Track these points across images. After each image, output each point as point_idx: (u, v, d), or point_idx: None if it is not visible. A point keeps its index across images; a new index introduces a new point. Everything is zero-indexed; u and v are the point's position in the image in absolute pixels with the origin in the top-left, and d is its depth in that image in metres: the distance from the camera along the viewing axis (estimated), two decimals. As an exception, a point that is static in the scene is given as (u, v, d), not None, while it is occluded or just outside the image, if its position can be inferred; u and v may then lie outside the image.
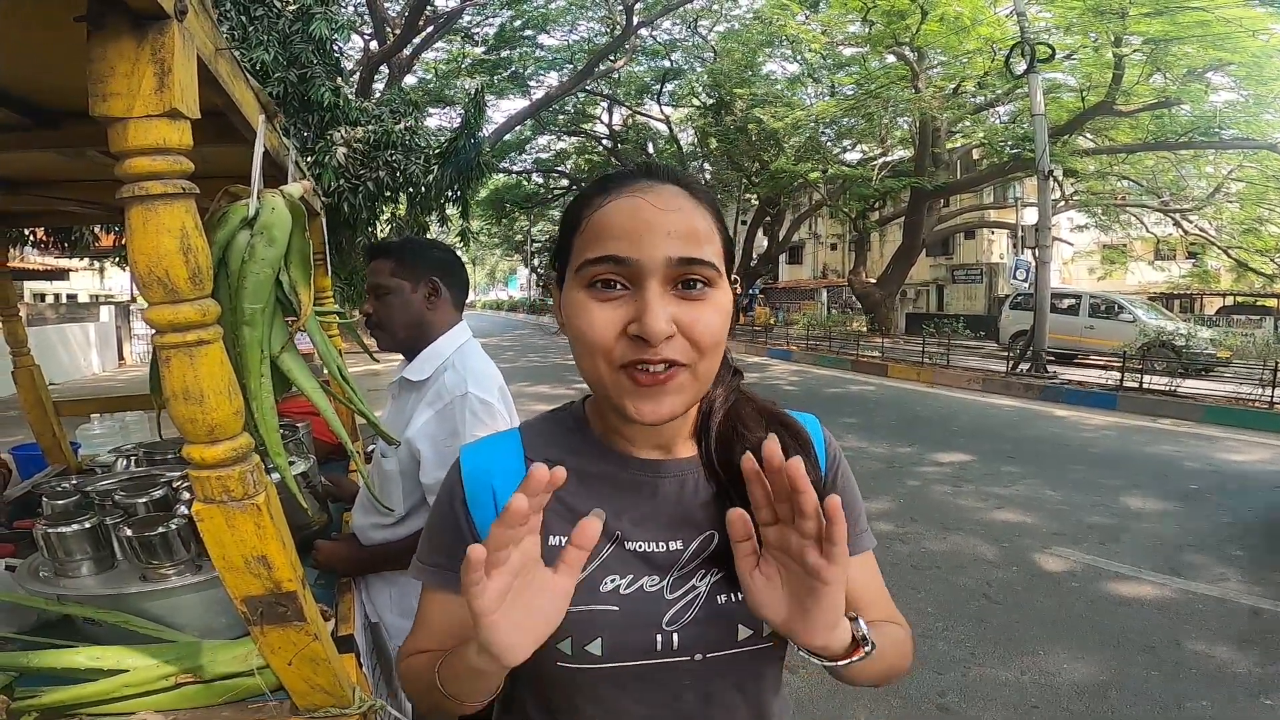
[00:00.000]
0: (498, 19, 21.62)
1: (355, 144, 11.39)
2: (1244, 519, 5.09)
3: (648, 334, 0.66)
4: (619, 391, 0.70)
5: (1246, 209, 19.82)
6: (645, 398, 0.69)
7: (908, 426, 8.64)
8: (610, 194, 0.71)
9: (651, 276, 0.68)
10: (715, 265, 0.70)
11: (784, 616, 0.66)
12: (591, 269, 0.69)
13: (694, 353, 0.69)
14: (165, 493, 1.48)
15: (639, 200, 0.70)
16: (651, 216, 0.69)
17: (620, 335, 0.68)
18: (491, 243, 52.01)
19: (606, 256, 0.68)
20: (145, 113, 0.69)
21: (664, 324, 0.66)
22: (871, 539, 0.89)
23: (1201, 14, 12.81)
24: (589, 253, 0.70)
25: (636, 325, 0.67)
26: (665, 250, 0.68)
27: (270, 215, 1.00)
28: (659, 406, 0.69)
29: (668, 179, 0.73)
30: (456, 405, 1.55)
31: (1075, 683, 3.02)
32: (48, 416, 2.47)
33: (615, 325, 0.68)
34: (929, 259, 30.08)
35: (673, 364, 0.68)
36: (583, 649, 0.74)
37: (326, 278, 2.39)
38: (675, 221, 0.69)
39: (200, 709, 1.11)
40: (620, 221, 0.69)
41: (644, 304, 0.67)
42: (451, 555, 0.79)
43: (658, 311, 0.67)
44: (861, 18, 17.36)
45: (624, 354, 0.68)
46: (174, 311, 0.74)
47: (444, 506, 0.82)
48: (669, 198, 0.70)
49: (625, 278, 0.69)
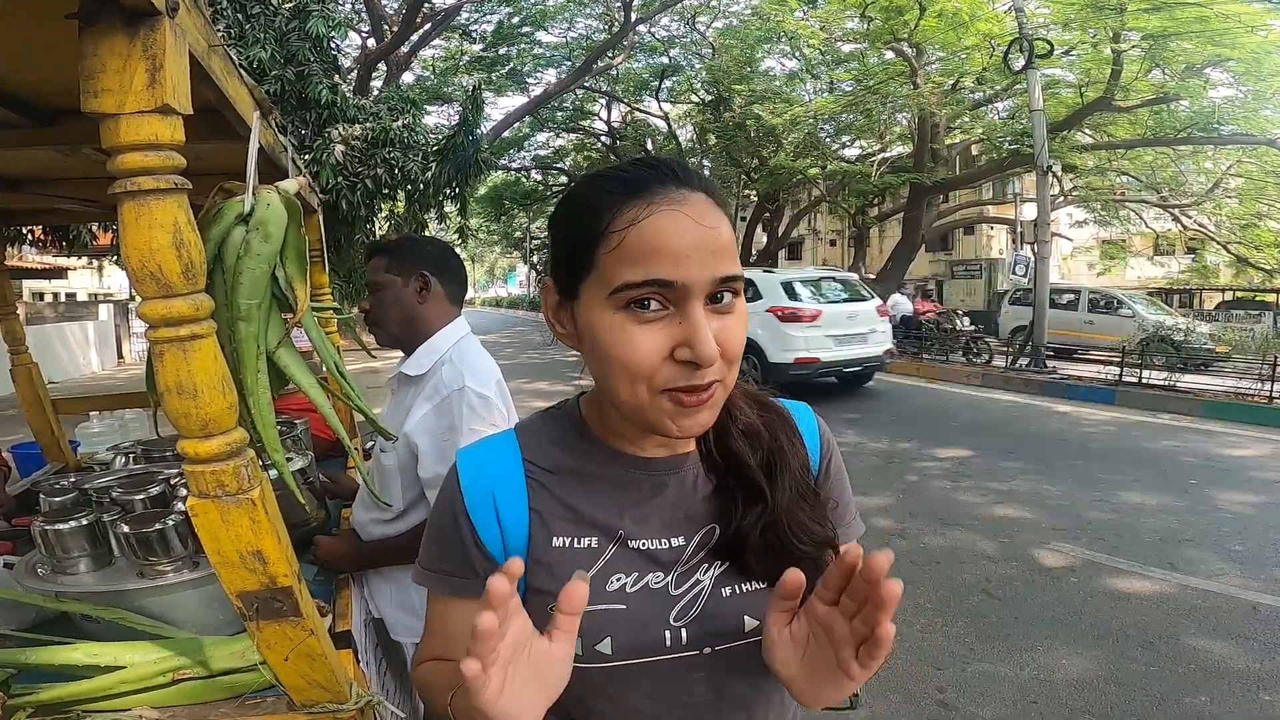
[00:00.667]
0: (495, 16, 21.56)
1: (353, 142, 11.37)
2: (1243, 514, 5.10)
3: (703, 359, 0.65)
4: (659, 413, 0.68)
5: (1246, 204, 19.79)
6: (688, 416, 0.68)
7: (907, 421, 8.65)
8: (641, 204, 0.67)
9: (696, 298, 0.66)
10: (743, 276, 0.70)
11: (791, 675, 0.67)
12: (633, 292, 0.66)
13: (726, 367, 0.69)
14: (163, 489, 1.49)
15: (679, 215, 0.66)
16: (695, 235, 0.66)
17: (663, 358, 0.66)
18: (490, 240, 51.97)
19: (653, 280, 0.65)
20: (137, 108, 0.69)
21: (714, 348, 0.65)
22: (860, 526, 0.90)
23: (1200, 9, 12.79)
24: (629, 274, 0.66)
25: (687, 350, 0.65)
26: (711, 271, 0.66)
27: (266, 211, 1.00)
28: (700, 423, 0.69)
29: (697, 186, 0.70)
30: (454, 399, 1.56)
31: (1074, 678, 3.02)
32: (46, 415, 2.48)
33: (660, 349, 0.66)
34: (928, 254, 30.08)
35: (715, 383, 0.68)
36: (593, 649, 0.74)
37: (324, 274, 2.40)
38: (713, 238, 0.67)
39: (197, 705, 1.11)
40: (666, 241, 0.65)
41: (693, 328, 0.65)
42: (454, 562, 0.79)
43: (709, 335, 0.65)
44: (860, 14, 17.32)
45: (669, 378, 0.67)
46: (167, 306, 0.74)
47: (444, 514, 0.81)
48: (705, 210, 0.68)
49: (667, 299, 0.66)
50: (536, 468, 0.80)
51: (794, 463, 0.80)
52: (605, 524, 0.78)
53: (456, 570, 0.79)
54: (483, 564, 0.78)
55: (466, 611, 0.78)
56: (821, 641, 0.64)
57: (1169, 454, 6.96)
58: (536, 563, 0.77)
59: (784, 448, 0.80)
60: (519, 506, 0.78)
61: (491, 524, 0.78)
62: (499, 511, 0.78)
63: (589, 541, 0.77)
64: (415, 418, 1.59)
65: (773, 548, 0.77)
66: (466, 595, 0.79)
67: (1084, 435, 7.92)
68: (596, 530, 0.77)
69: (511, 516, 0.78)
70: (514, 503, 0.78)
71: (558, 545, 0.77)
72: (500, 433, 0.86)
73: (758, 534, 0.76)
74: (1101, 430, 8.17)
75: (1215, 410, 8.88)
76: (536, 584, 0.77)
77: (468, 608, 0.78)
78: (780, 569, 0.73)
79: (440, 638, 0.82)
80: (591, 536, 0.77)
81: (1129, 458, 6.81)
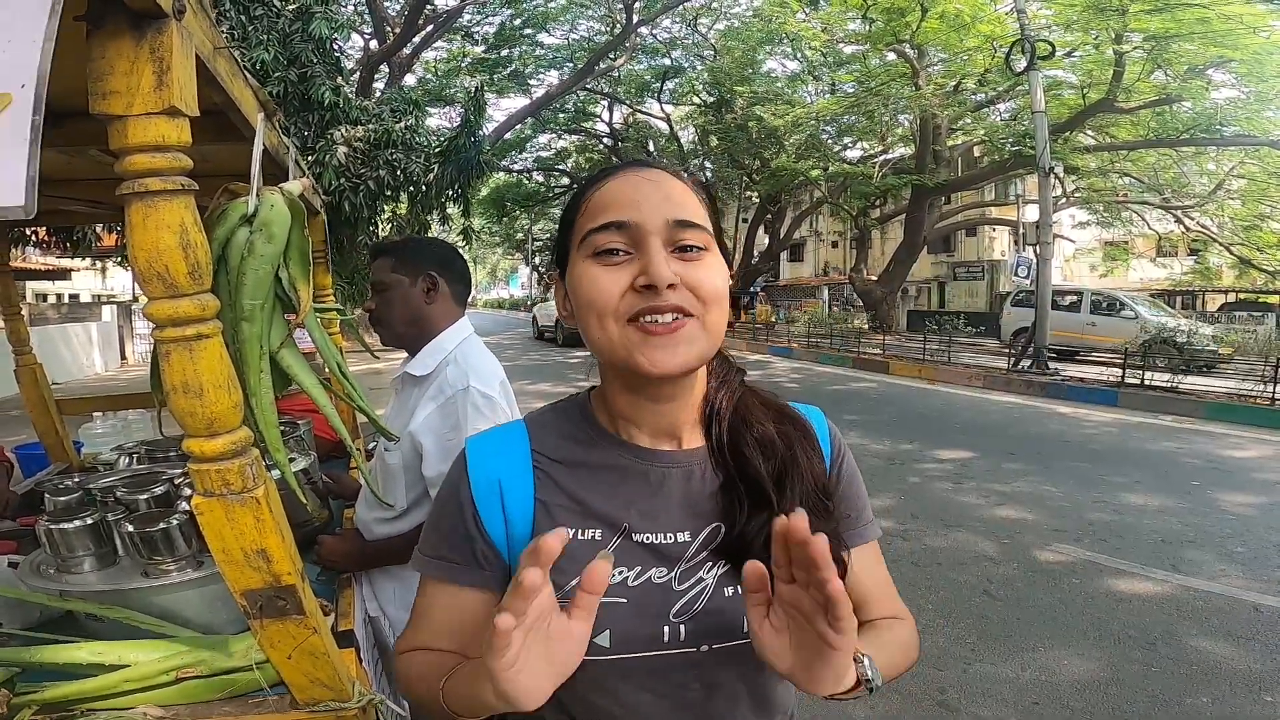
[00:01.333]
0: (497, 18, 21.61)
1: (356, 143, 11.39)
2: (1245, 516, 5.09)
3: (655, 278, 0.69)
4: (629, 346, 0.71)
5: (1248, 206, 19.76)
6: (657, 347, 0.71)
7: (909, 423, 8.64)
8: (607, 178, 0.77)
9: (652, 236, 0.71)
10: (709, 231, 0.74)
11: (789, 666, 0.66)
12: (595, 238, 0.73)
13: (698, 303, 0.71)
14: (166, 489, 1.49)
15: (634, 176, 0.75)
16: (646, 186, 0.74)
17: (626, 292, 0.71)
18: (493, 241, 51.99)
19: (609, 223, 0.72)
20: (144, 110, 0.70)
21: (669, 271, 0.70)
22: (876, 530, 0.90)
23: (1202, 11, 12.79)
24: (590, 225, 0.74)
25: (644, 277, 0.70)
26: (663, 213, 0.72)
27: (269, 212, 1.01)
28: (672, 356, 0.71)
29: (662, 166, 0.77)
30: (459, 399, 1.57)
31: (1075, 679, 3.02)
32: (50, 415, 2.48)
33: (622, 285, 0.71)
34: (930, 256, 30.07)
35: (681, 312, 0.71)
36: (591, 641, 0.74)
37: (327, 275, 2.41)
38: (668, 191, 0.74)
39: (201, 704, 1.12)
40: (619, 193, 0.74)
41: (648, 257, 0.71)
42: (456, 549, 0.80)
43: (662, 259, 0.70)
44: (861, 15, 17.36)
45: (631, 305, 0.71)
46: (173, 306, 0.75)
47: (449, 500, 0.82)
48: (663, 177, 0.76)
49: (627, 243, 0.72)
50: (544, 458, 0.81)
51: (807, 477, 0.80)
52: (610, 516, 0.78)
53: (455, 557, 0.80)
54: (484, 551, 0.79)
55: (459, 599, 0.80)
56: (799, 623, 0.65)
57: (1171, 455, 6.96)
58: None
59: (799, 460, 0.80)
60: (525, 496, 0.79)
61: (496, 512, 0.79)
62: (505, 500, 0.79)
63: (593, 534, 0.78)
64: (420, 417, 1.59)
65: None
66: (462, 583, 0.80)
67: (1086, 437, 7.91)
68: (601, 522, 0.78)
69: (517, 506, 0.79)
70: (520, 492, 0.79)
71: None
72: (510, 423, 0.86)
73: (761, 542, 0.75)
74: (1103, 432, 8.16)
75: (1217, 412, 8.87)
76: None
77: (461, 595, 0.80)
78: None
79: (428, 626, 0.82)
80: (596, 529, 0.78)
81: (1131, 459, 6.80)
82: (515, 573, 0.57)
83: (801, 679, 0.66)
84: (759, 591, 0.66)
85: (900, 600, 0.91)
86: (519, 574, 0.55)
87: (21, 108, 0.60)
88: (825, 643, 0.62)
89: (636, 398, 0.78)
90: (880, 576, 0.89)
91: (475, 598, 0.80)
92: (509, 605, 0.56)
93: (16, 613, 1.36)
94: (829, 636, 0.61)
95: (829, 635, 0.61)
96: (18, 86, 0.60)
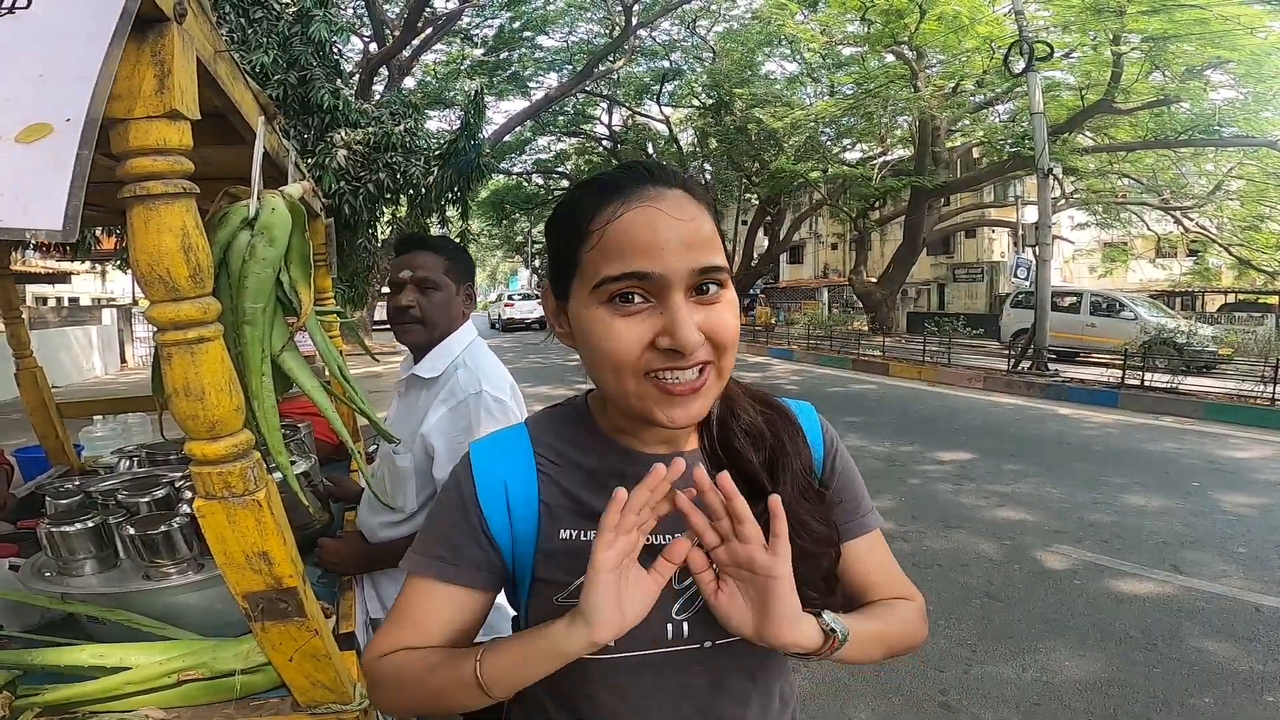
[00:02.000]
0: (497, 20, 21.65)
1: (355, 146, 11.41)
2: (1245, 516, 5.09)
3: (683, 347, 0.67)
4: (645, 401, 0.70)
5: (1247, 206, 19.76)
6: (677, 406, 0.70)
7: (909, 425, 8.64)
8: (617, 202, 0.70)
9: (676, 289, 0.68)
10: (725, 267, 0.71)
11: (752, 625, 0.69)
12: (612, 286, 0.68)
13: (715, 351, 0.71)
14: (167, 492, 1.49)
15: (652, 210, 0.69)
16: (669, 229, 0.68)
17: (645, 347, 0.69)
18: (492, 244, 52.02)
19: (630, 273, 0.67)
20: (146, 114, 0.70)
21: (696, 335, 0.68)
22: (877, 519, 0.91)
23: (1200, 12, 12.81)
24: (607, 269, 0.68)
25: (668, 339, 0.67)
26: (687, 263, 0.68)
27: (270, 215, 1.01)
28: (689, 411, 0.71)
29: (674, 183, 0.72)
30: (471, 403, 1.56)
31: (1077, 680, 3.02)
32: (51, 418, 2.48)
33: (641, 339, 0.68)
34: (930, 258, 30.08)
35: (703, 367, 0.70)
36: None
37: (327, 278, 2.41)
38: (691, 231, 0.69)
39: (202, 706, 1.12)
40: (639, 235, 0.68)
41: (674, 318, 0.67)
42: (451, 547, 0.80)
43: (690, 324, 0.67)
44: (860, 17, 17.37)
45: (650, 363, 0.69)
46: (175, 309, 0.75)
47: (452, 501, 0.82)
48: (680, 205, 0.70)
49: (648, 291, 0.68)
50: (546, 461, 0.81)
51: (796, 462, 0.81)
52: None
53: (450, 556, 0.79)
54: (483, 553, 0.79)
55: (455, 597, 0.79)
56: (745, 577, 0.69)
57: (1171, 456, 6.95)
58: (544, 554, 0.78)
59: (786, 446, 0.81)
60: (530, 498, 0.80)
61: (501, 514, 0.79)
62: (510, 502, 0.79)
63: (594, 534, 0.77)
64: (431, 420, 1.58)
65: None
66: (455, 582, 0.79)
67: (1086, 438, 7.91)
68: None
69: (522, 508, 0.79)
70: (525, 494, 0.80)
71: (564, 538, 0.78)
72: (512, 426, 0.87)
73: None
74: (1103, 433, 8.16)
75: (1217, 413, 8.87)
76: (542, 575, 0.78)
77: (456, 594, 0.79)
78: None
79: (415, 625, 0.80)
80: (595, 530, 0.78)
81: (1131, 460, 6.80)
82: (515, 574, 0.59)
83: (767, 631, 0.68)
84: (704, 571, 0.69)
85: (909, 583, 0.92)
86: (634, 492, 0.65)
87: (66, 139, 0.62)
88: (767, 574, 0.66)
89: (638, 423, 0.79)
90: (883, 560, 0.90)
91: (471, 597, 0.80)
92: (614, 516, 0.65)
93: (18, 615, 1.36)
94: (768, 564, 0.66)
95: (768, 563, 0.66)
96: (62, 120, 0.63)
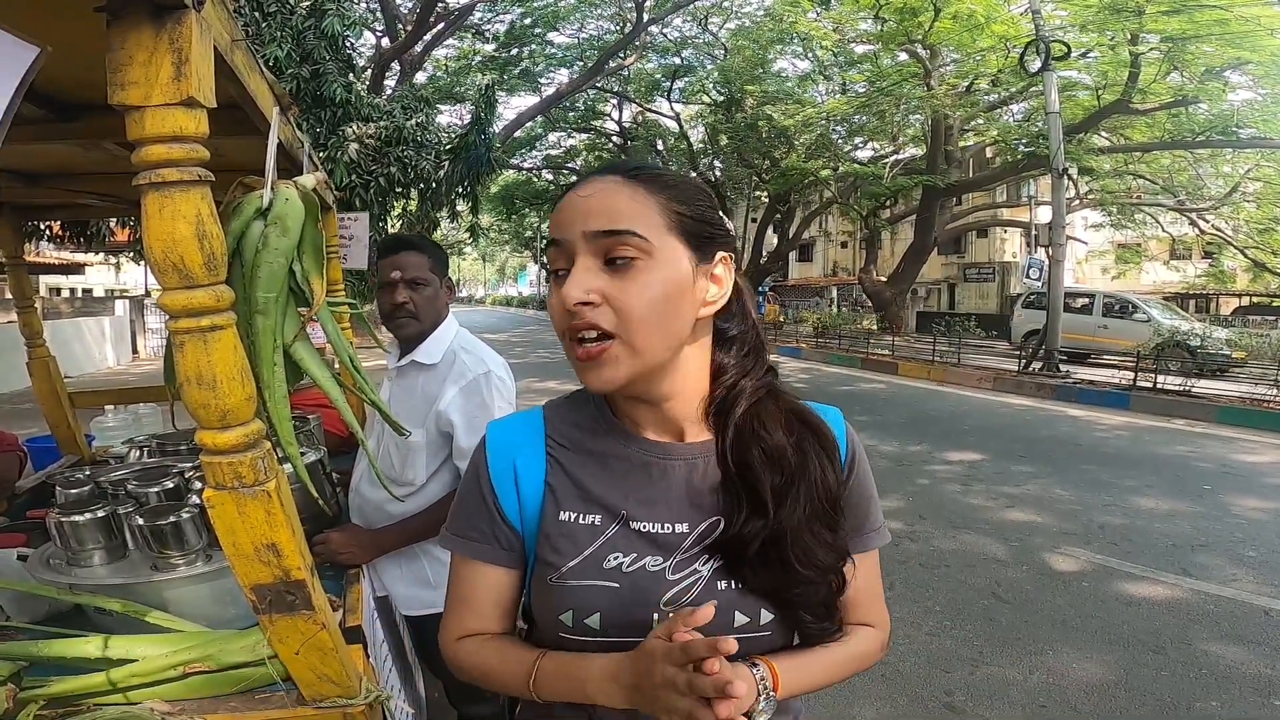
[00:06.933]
0: (508, 16, 21.63)
1: (367, 140, 11.42)
2: (1257, 520, 5.05)
3: (563, 298, 0.72)
4: (573, 363, 0.76)
5: (1264, 209, 19.56)
6: (585, 369, 0.74)
7: (918, 425, 8.61)
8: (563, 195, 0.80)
9: (577, 254, 0.74)
10: (639, 235, 0.73)
11: None
12: (546, 257, 0.78)
13: (620, 323, 0.72)
14: (177, 483, 1.50)
15: (572, 193, 0.78)
16: (573, 201, 0.76)
17: (564, 311, 0.74)
18: (501, 239, 52.16)
19: (549, 241, 0.78)
20: (163, 101, 0.70)
21: (577, 290, 0.72)
22: (884, 535, 0.90)
23: (1220, 12, 12.66)
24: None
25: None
26: (580, 226, 0.74)
27: (284, 206, 1.01)
28: (599, 375, 0.74)
29: (610, 172, 0.78)
30: (481, 382, 1.75)
31: (1084, 682, 3.00)
32: (62, 408, 2.49)
33: (561, 304, 0.74)
34: (941, 257, 29.92)
35: (603, 334, 0.72)
36: (582, 622, 0.77)
37: (338, 270, 2.41)
38: (592, 202, 0.75)
39: (208, 699, 1.11)
40: (560, 210, 0.77)
41: (569, 275, 0.74)
42: (480, 529, 0.84)
43: (577, 278, 0.73)
44: (873, 15, 17.25)
45: (563, 322, 0.75)
46: (189, 297, 0.75)
47: (472, 482, 0.86)
48: (595, 185, 0.76)
49: (565, 261, 0.75)
50: (556, 444, 0.84)
51: (818, 490, 0.79)
52: (609, 503, 0.80)
53: (480, 536, 0.84)
54: (504, 531, 0.83)
55: (488, 576, 0.85)
56: None
57: (1183, 459, 6.90)
58: (544, 535, 0.81)
59: (810, 473, 0.79)
60: (537, 479, 0.83)
61: (511, 493, 0.83)
62: (519, 484, 0.83)
63: (592, 519, 0.80)
64: (446, 398, 1.75)
65: (772, 564, 0.77)
66: (488, 560, 0.84)
67: (1097, 440, 7.86)
68: (601, 509, 0.80)
69: (530, 488, 0.82)
70: (532, 475, 0.83)
71: (563, 519, 0.80)
72: (529, 410, 0.89)
73: (757, 546, 0.77)
74: (1115, 435, 8.11)
75: (1230, 416, 8.80)
76: (541, 555, 0.81)
77: (489, 573, 0.85)
78: (776, 585, 0.77)
79: (472, 609, 0.86)
80: (595, 514, 0.80)
81: (1142, 463, 6.75)
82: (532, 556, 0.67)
83: None
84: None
85: (883, 606, 0.93)
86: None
87: None
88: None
89: (626, 397, 0.81)
90: (869, 582, 0.90)
91: (506, 575, 0.85)
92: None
93: (25, 606, 1.37)
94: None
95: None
96: None
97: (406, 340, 1.87)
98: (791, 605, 0.79)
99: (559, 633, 0.79)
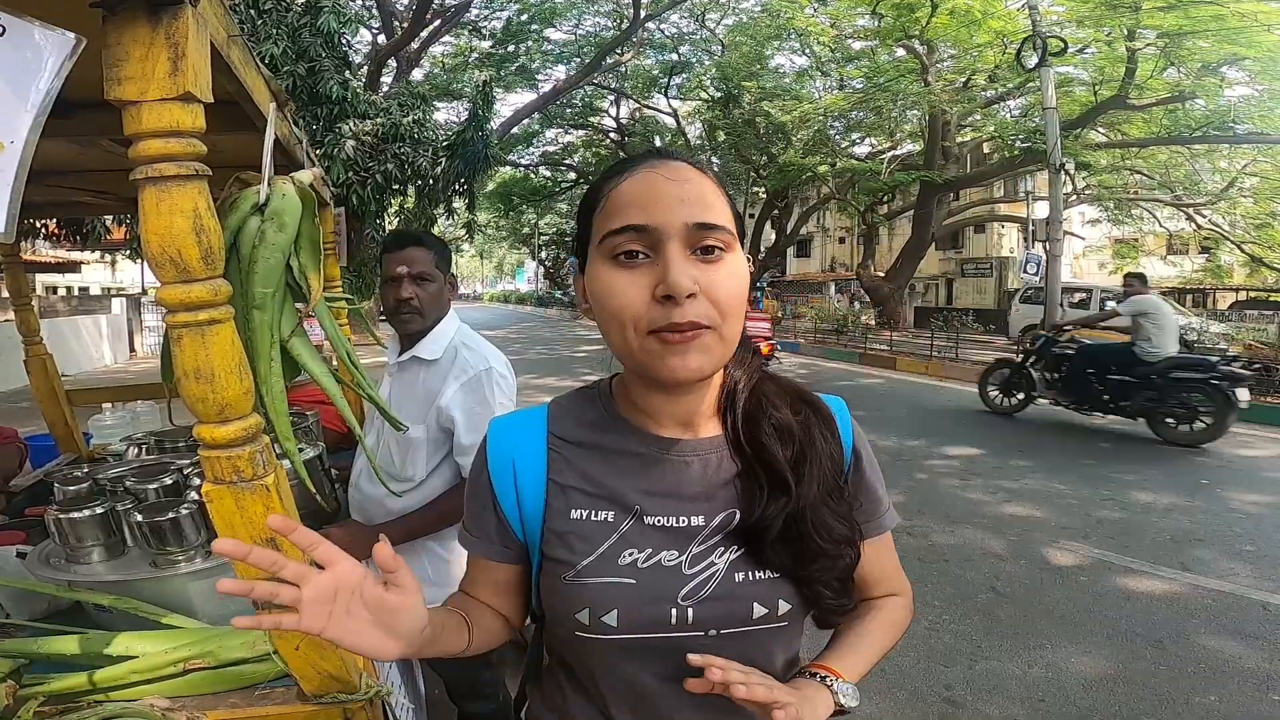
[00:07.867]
0: (505, 13, 21.61)
1: (364, 137, 11.42)
2: (1255, 514, 5.06)
3: (673, 289, 0.68)
4: (648, 356, 0.72)
5: (1260, 204, 19.60)
6: (674, 354, 0.70)
7: (916, 420, 8.62)
8: (625, 173, 0.75)
9: (671, 240, 0.70)
10: (729, 230, 0.72)
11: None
12: (613, 240, 0.72)
13: (716, 315, 0.71)
14: (175, 479, 1.50)
15: (652, 174, 0.73)
16: (665, 186, 0.72)
17: (647, 301, 0.70)
18: (499, 236, 52.12)
19: (626, 226, 0.71)
20: (159, 96, 0.69)
21: (688, 280, 0.69)
22: (893, 518, 0.93)
23: (1216, 8, 12.66)
24: (609, 226, 0.72)
25: (662, 286, 0.69)
26: (681, 216, 0.70)
27: (281, 201, 1.01)
28: (687, 362, 0.71)
29: (678, 157, 0.76)
30: (483, 378, 1.76)
31: (1082, 676, 3.01)
32: (60, 406, 2.49)
33: (641, 291, 0.70)
34: (938, 253, 29.94)
35: (698, 326, 0.70)
36: (599, 619, 0.76)
37: (336, 266, 2.41)
38: (688, 190, 0.72)
39: (208, 695, 1.12)
40: (637, 192, 0.72)
41: (667, 264, 0.69)
42: (483, 527, 0.85)
43: (682, 267, 0.69)
44: (871, 11, 17.23)
45: (652, 319, 0.70)
46: (186, 291, 0.75)
47: (474, 478, 0.87)
48: (679, 170, 0.73)
49: (646, 246, 0.71)
50: (561, 441, 0.84)
51: (826, 462, 0.81)
52: (622, 499, 0.80)
53: (479, 533, 0.86)
54: (503, 529, 0.84)
55: (490, 572, 0.88)
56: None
57: (1180, 453, 6.92)
58: (553, 533, 0.80)
59: (817, 445, 0.81)
60: (537, 476, 0.82)
61: (510, 490, 0.83)
62: (518, 482, 0.82)
63: (605, 515, 0.80)
64: (447, 394, 1.74)
65: (792, 540, 0.77)
66: (489, 557, 0.86)
67: (1094, 434, 7.87)
68: (613, 504, 0.80)
69: (529, 485, 0.82)
70: (532, 472, 0.82)
71: (575, 517, 0.80)
72: (534, 407, 0.89)
73: (780, 525, 0.77)
74: (1112, 429, 8.12)
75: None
76: (551, 553, 0.80)
77: (491, 568, 0.87)
78: (797, 562, 0.77)
79: (472, 581, 0.91)
80: (608, 510, 0.80)
81: (1140, 457, 6.76)
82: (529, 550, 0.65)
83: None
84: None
85: (904, 577, 0.97)
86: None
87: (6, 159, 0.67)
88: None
89: (653, 392, 0.80)
90: (888, 562, 0.94)
91: (504, 570, 0.87)
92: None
93: (24, 603, 1.37)
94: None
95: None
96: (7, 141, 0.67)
97: (411, 335, 1.86)
98: (811, 583, 0.79)
99: (575, 631, 0.78)
